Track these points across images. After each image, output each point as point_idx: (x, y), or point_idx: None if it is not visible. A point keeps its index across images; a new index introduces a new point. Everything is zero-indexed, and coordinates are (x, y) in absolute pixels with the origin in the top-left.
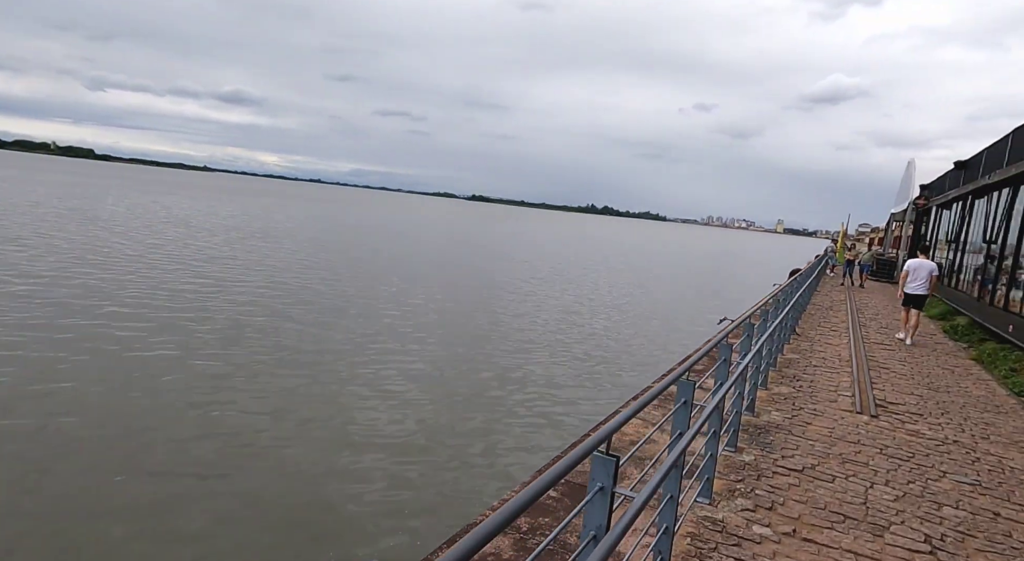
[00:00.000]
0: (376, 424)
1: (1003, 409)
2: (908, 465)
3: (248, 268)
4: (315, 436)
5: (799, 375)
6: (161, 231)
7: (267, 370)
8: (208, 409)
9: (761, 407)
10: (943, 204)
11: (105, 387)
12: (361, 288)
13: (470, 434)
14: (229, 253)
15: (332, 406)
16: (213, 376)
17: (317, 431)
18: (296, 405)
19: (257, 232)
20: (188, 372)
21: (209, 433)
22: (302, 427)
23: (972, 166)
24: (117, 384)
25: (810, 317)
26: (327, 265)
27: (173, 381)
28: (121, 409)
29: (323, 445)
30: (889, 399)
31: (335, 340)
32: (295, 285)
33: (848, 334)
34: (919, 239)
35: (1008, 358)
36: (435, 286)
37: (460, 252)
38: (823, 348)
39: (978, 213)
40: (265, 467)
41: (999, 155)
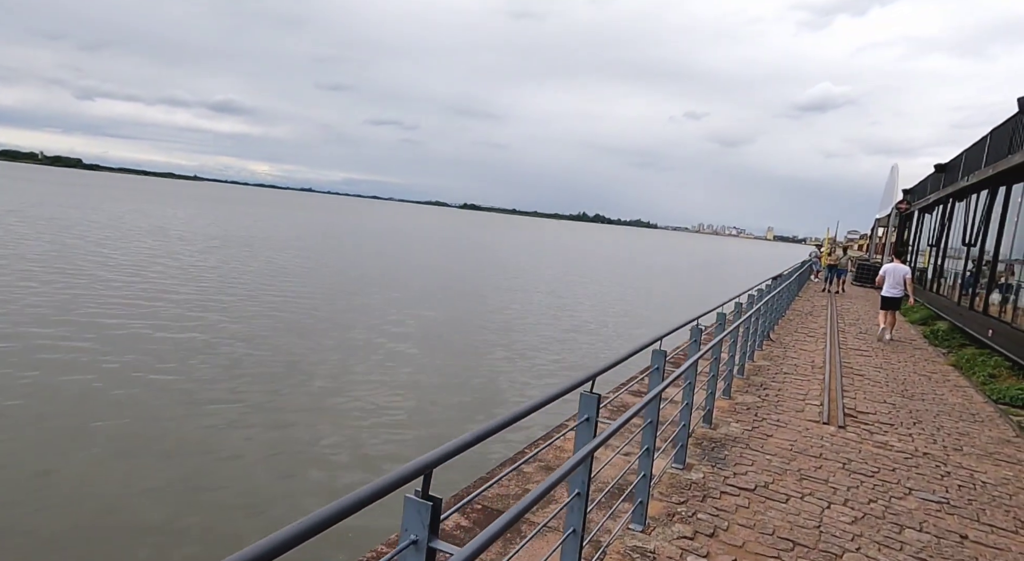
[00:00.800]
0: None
1: (979, 418)
2: (871, 482)
3: (209, 278)
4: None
5: (767, 383)
6: (134, 239)
7: (207, 384)
8: (146, 429)
9: (721, 418)
10: (924, 208)
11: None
12: (320, 293)
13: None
14: (198, 262)
15: (276, 424)
16: (152, 393)
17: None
18: (238, 420)
19: (233, 240)
20: (125, 390)
21: (139, 452)
22: (239, 443)
23: (952, 169)
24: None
25: (788, 322)
26: (293, 273)
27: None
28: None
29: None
30: (859, 408)
31: (281, 353)
32: (249, 294)
33: (825, 339)
34: (902, 244)
35: (987, 364)
36: (396, 297)
37: (411, 262)
38: (796, 354)
39: (958, 216)
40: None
41: (977, 157)
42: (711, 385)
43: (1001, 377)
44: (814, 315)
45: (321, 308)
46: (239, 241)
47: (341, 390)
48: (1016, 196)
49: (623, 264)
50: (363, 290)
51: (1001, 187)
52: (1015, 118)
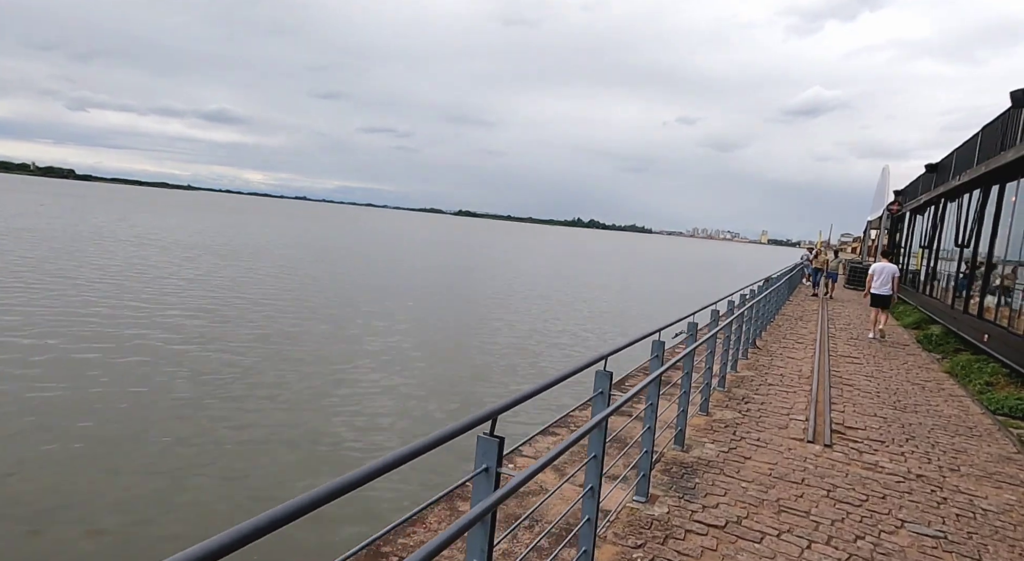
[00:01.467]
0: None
1: (977, 431)
2: (859, 513)
3: (184, 285)
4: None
5: (749, 396)
6: (111, 249)
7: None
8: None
9: (695, 438)
10: (916, 209)
11: None
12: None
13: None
14: (170, 271)
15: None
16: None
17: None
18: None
19: (214, 249)
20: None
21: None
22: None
23: (943, 168)
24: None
25: (776, 328)
26: (265, 283)
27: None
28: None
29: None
30: (848, 423)
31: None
32: (222, 302)
33: (814, 346)
34: (893, 246)
35: (983, 371)
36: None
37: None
38: (783, 363)
39: (950, 216)
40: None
41: (969, 155)
42: (683, 402)
43: (999, 385)
44: (804, 320)
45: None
46: (216, 250)
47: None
48: (1009, 194)
49: (595, 271)
50: (310, 297)
51: (994, 186)
52: (1007, 114)
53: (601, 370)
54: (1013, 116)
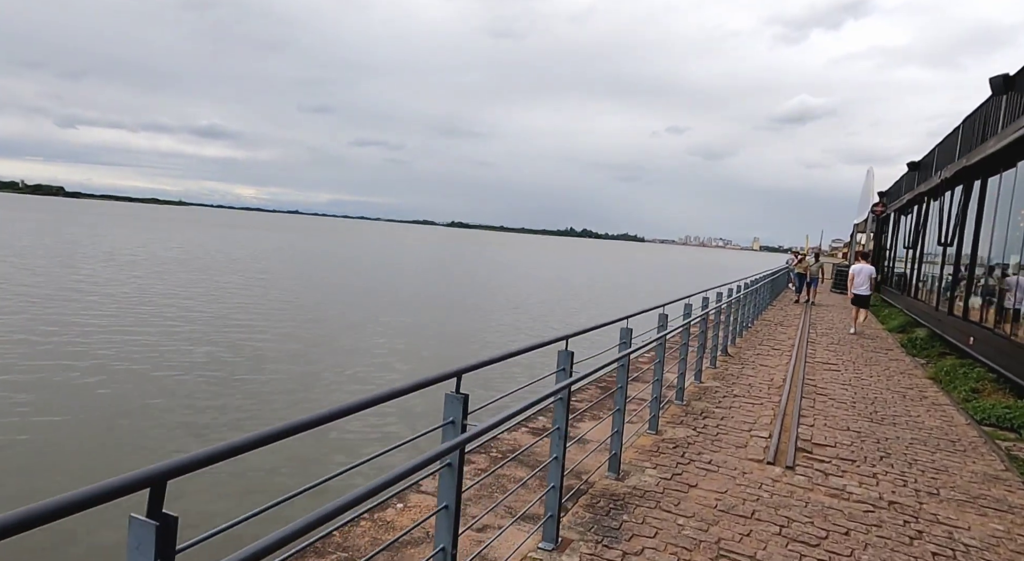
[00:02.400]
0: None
1: (960, 445)
2: (815, 554)
3: (133, 300)
4: None
5: (709, 411)
6: (78, 264)
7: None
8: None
9: (635, 462)
10: (900, 209)
11: None
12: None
13: None
14: (128, 288)
15: None
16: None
17: None
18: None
19: (182, 262)
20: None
21: None
22: None
23: (925, 166)
24: None
25: (754, 334)
26: (222, 298)
27: None
28: None
29: None
30: (817, 439)
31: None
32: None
33: (791, 353)
34: (880, 248)
35: (969, 376)
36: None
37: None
38: (755, 371)
39: (933, 215)
40: None
41: (951, 150)
42: (617, 421)
43: (985, 392)
44: (784, 325)
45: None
46: (191, 264)
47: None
48: (992, 190)
49: (561, 278)
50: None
51: (976, 181)
52: (988, 102)
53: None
54: (993, 105)
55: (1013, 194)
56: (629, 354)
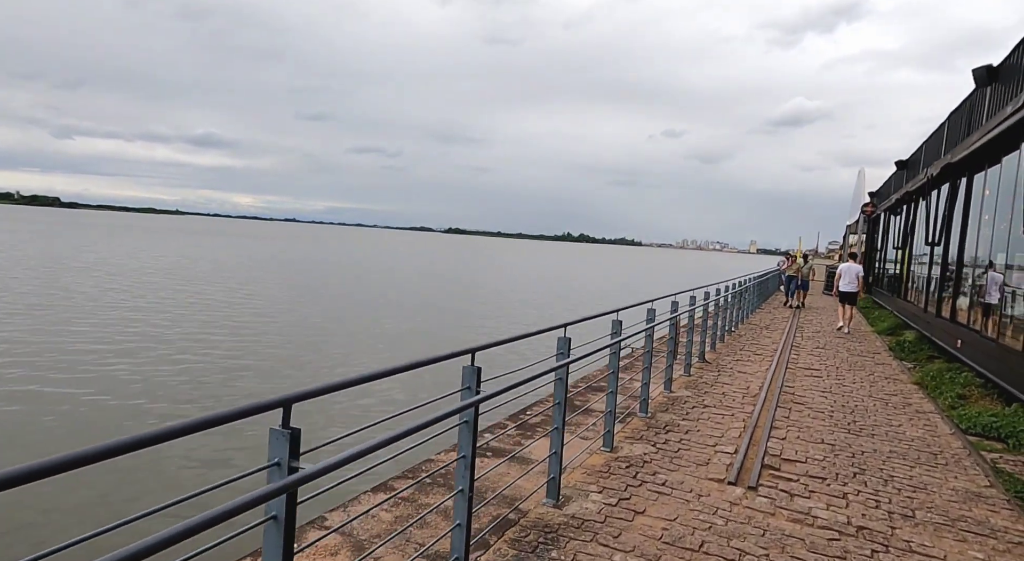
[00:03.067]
0: None
1: (943, 458)
2: None
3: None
4: None
5: (674, 424)
6: (54, 273)
7: None
8: None
9: (580, 485)
10: (889, 209)
11: None
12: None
13: None
14: (98, 297)
15: None
16: None
17: None
18: None
19: (159, 273)
20: None
21: None
22: None
23: (913, 164)
24: None
25: (738, 338)
26: (189, 306)
27: None
28: None
29: None
30: (787, 454)
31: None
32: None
33: (773, 358)
34: (871, 249)
35: (956, 381)
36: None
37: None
38: (731, 379)
39: (921, 214)
40: None
41: (936, 147)
42: (555, 442)
43: (972, 398)
44: (771, 329)
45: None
46: (162, 274)
47: None
48: (978, 187)
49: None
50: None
51: (962, 178)
52: (972, 95)
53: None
54: (978, 98)
55: (998, 191)
56: (568, 365)
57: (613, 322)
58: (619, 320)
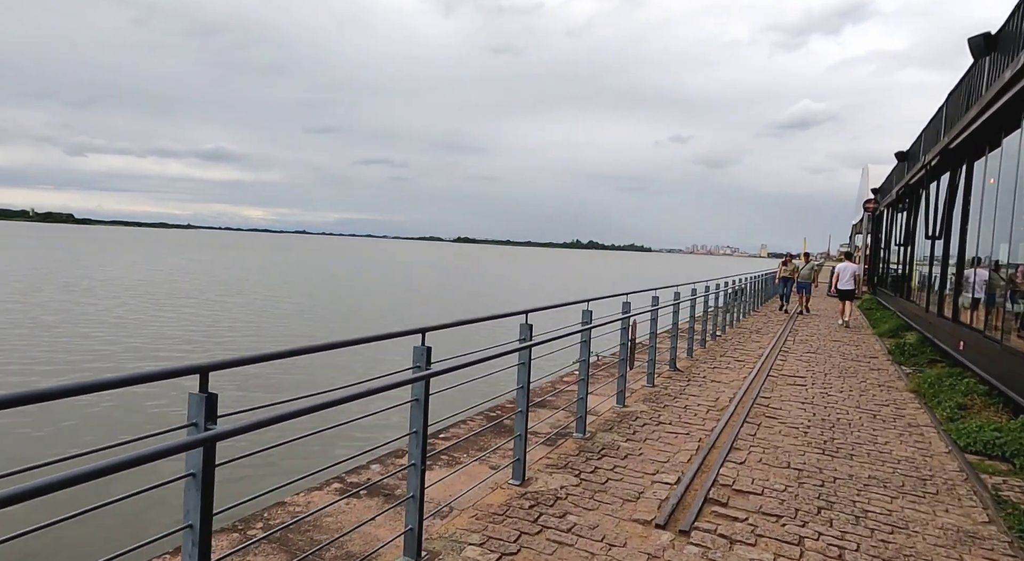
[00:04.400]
0: None
1: (933, 485)
2: None
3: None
4: None
5: (614, 445)
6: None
7: None
8: None
9: (460, 534)
10: (891, 204)
11: None
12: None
13: None
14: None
15: None
16: None
17: None
18: None
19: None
20: None
21: None
22: None
23: (913, 155)
24: None
25: (721, 343)
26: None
27: None
28: None
29: None
30: (740, 483)
31: None
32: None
33: (755, 365)
34: (875, 247)
35: (956, 389)
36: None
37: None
38: (700, 390)
39: (922, 207)
40: None
41: (935, 133)
42: (411, 483)
43: (974, 408)
44: (762, 333)
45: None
46: (156, 288)
47: None
48: (979, 174)
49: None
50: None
51: (961, 166)
52: (971, 70)
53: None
54: (976, 73)
55: (1000, 177)
56: (428, 377)
57: (522, 326)
58: (529, 325)
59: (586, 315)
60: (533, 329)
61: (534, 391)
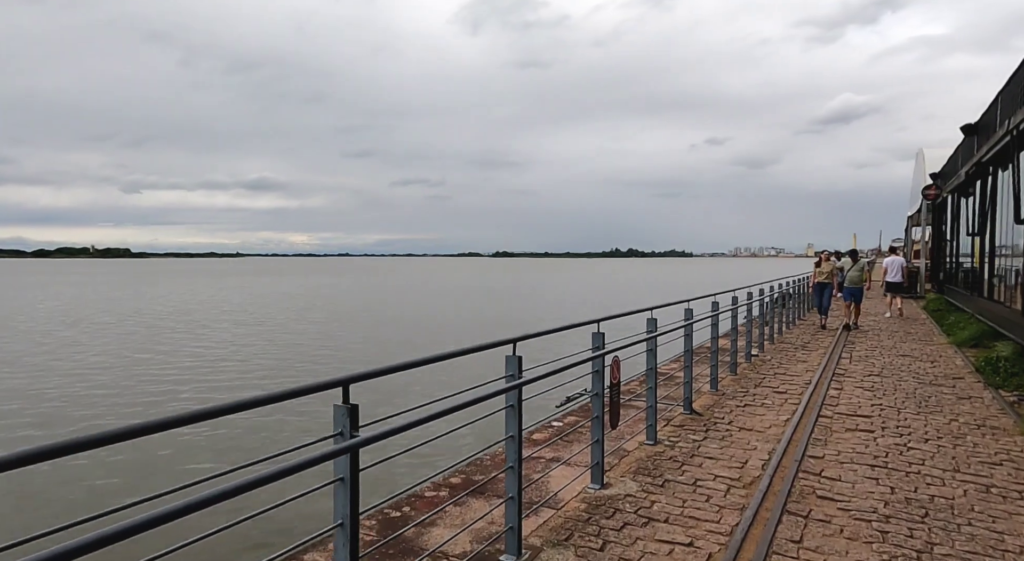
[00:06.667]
0: None
1: None
2: None
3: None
4: None
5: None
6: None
7: None
8: None
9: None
10: (958, 188)
11: None
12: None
13: None
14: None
15: None
16: None
17: None
18: None
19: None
20: None
21: None
22: None
23: (986, 126)
24: None
25: (759, 365)
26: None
27: None
28: None
29: None
30: None
31: None
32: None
33: (801, 398)
34: (938, 239)
35: None
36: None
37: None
38: (721, 447)
39: (1004, 186)
40: None
41: (1017, 92)
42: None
43: None
44: (809, 348)
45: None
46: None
47: None
48: None
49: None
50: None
51: None
52: None
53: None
54: None
55: None
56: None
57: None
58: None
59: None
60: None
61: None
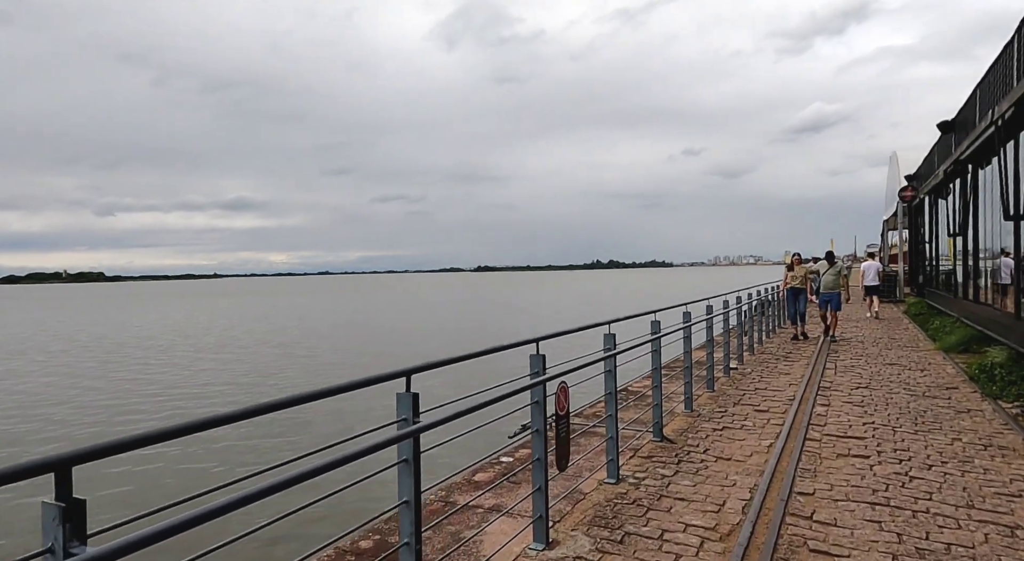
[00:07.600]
0: None
1: None
2: None
3: None
4: None
5: None
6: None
7: None
8: None
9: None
10: (935, 188)
11: None
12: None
13: None
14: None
15: None
16: None
17: None
18: None
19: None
20: None
21: None
22: None
23: (963, 123)
24: None
25: (738, 379)
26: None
27: None
28: None
29: None
30: None
31: None
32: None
33: (784, 418)
34: (916, 241)
35: None
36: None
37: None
38: (694, 486)
39: (987, 181)
40: None
41: (1000, 80)
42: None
43: None
44: (791, 359)
45: None
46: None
47: None
48: None
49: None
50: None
51: None
52: None
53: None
54: None
55: None
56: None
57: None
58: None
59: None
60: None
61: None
